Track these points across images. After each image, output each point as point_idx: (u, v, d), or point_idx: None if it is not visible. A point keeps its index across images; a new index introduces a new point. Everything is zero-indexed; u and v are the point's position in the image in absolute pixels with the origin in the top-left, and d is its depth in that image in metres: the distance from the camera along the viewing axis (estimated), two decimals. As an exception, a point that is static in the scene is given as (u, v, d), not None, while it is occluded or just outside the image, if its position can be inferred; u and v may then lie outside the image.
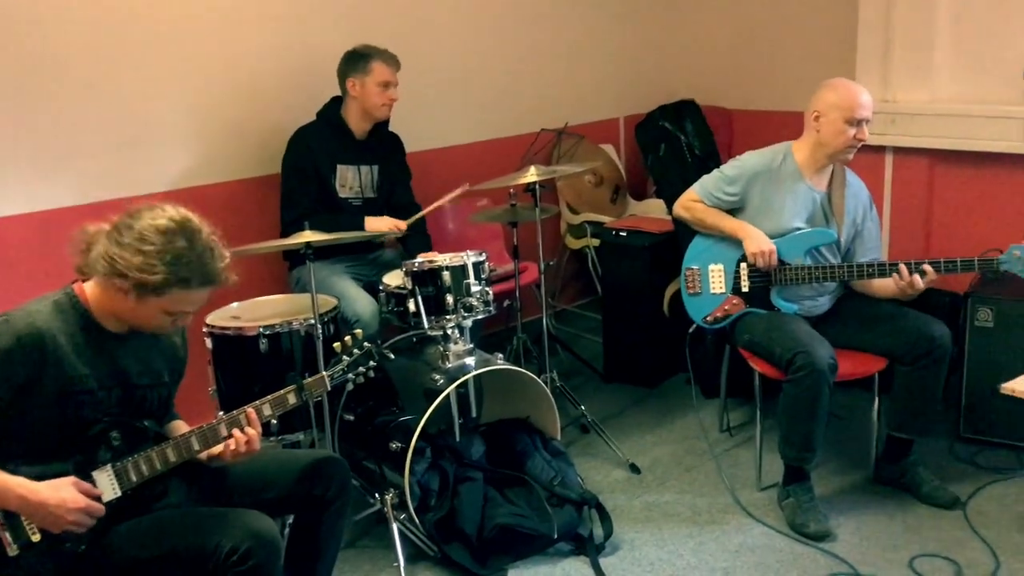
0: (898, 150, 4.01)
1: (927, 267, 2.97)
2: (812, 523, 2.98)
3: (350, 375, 2.38)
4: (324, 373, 2.35)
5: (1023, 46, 3.66)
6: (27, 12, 3.13)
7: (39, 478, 1.96)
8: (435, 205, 3.62)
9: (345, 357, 2.38)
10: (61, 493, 1.95)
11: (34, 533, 1.97)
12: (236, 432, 2.16)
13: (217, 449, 2.16)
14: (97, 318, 2.08)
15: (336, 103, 3.64)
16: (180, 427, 2.29)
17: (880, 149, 3.98)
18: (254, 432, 2.17)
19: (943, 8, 3.82)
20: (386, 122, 3.70)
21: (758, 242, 3.15)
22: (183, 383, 2.35)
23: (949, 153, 3.88)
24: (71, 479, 1.98)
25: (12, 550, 1.95)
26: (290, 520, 2.53)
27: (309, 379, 2.31)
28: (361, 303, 3.38)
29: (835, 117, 3.07)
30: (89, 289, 2.09)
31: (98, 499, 2.01)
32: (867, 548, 2.92)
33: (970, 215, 3.90)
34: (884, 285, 3.15)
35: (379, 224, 3.53)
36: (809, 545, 2.95)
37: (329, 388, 2.35)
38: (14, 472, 1.95)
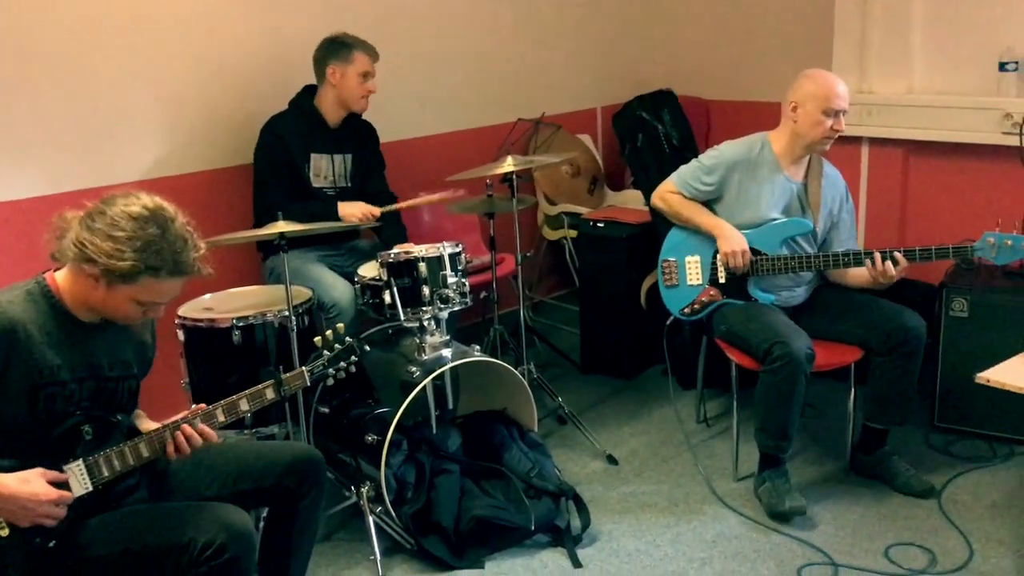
0: (874, 141, 4.03)
1: (899, 255, 2.98)
2: (787, 501, 2.99)
3: (330, 370, 2.36)
4: (303, 368, 2.32)
5: (999, 37, 3.68)
6: (-6, -1, 3.07)
7: (8, 472, 1.92)
8: (413, 202, 3.60)
9: (326, 352, 2.35)
10: (31, 486, 1.91)
11: (2, 527, 1.93)
12: (177, 435, 2.11)
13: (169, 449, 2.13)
14: (69, 308, 2.05)
15: (309, 91, 3.60)
16: (141, 417, 2.26)
17: (856, 140, 4.00)
18: (197, 440, 2.13)
19: (919, -1, 3.84)
20: (361, 112, 3.67)
21: (731, 242, 3.16)
22: (156, 376, 2.32)
23: (925, 144, 3.90)
24: (39, 470, 1.94)
25: (-21, 545, 1.92)
26: (264, 514, 2.50)
27: (288, 374, 2.28)
28: (339, 289, 3.35)
29: (812, 108, 3.08)
30: (61, 278, 2.05)
31: (68, 489, 1.97)
32: (843, 537, 2.93)
33: (945, 205, 3.93)
34: (859, 275, 3.17)
35: (352, 210, 3.49)
36: (786, 534, 2.96)
37: (308, 383, 2.33)
38: None
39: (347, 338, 2.38)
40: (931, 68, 3.87)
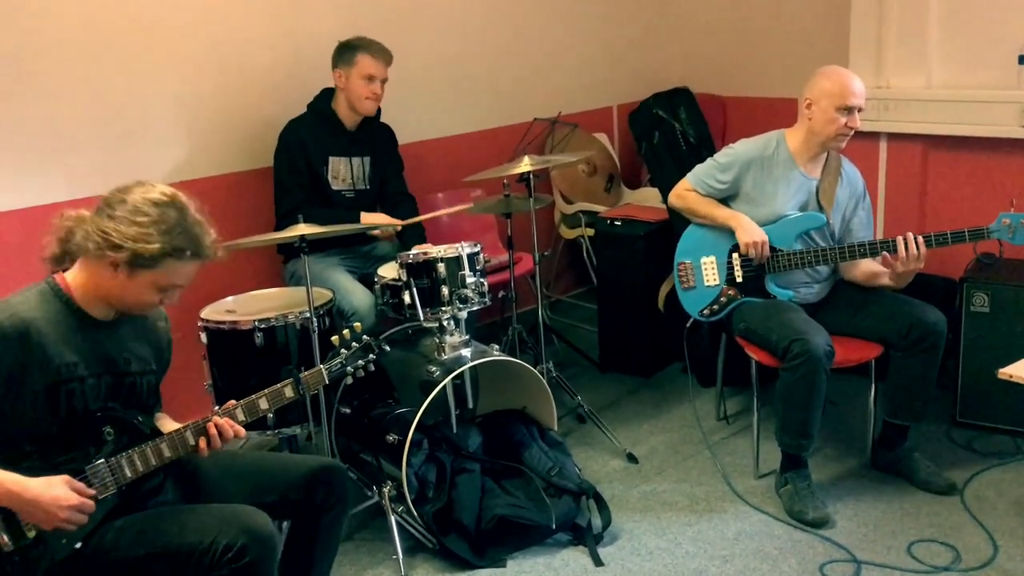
0: (892, 136, 4.00)
1: (920, 239, 2.95)
2: (810, 510, 2.99)
3: (348, 368, 2.37)
4: (322, 367, 2.33)
5: (1017, 31, 3.65)
6: (15, 7, 3.10)
7: (33, 476, 1.94)
8: (434, 215, 3.62)
9: (343, 351, 2.37)
10: (54, 490, 1.93)
11: (29, 530, 1.95)
12: (209, 427, 2.14)
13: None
14: (81, 305, 2.07)
15: (327, 95, 3.62)
16: (162, 420, 2.28)
17: (874, 135, 3.98)
18: (229, 432, 2.16)
19: (937, -7, 3.82)
20: (377, 113, 3.68)
21: (750, 232, 3.15)
22: (180, 378, 2.34)
23: (943, 139, 3.88)
24: (63, 477, 1.96)
25: (7, 547, 1.94)
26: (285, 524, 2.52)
27: (306, 373, 2.30)
28: (358, 296, 3.37)
29: (826, 105, 3.07)
30: (71, 276, 2.08)
31: (92, 496, 2.00)
32: (865, 534, 2.92)
33: (964, 201, 3.90)
34: (870, 272, 3.15)
35: (375, 220, 3.51)
36: (807, 531, 2.95)
37: (327, 382, 2.34)
38: (11, 471, 1.93)
39: (364, 336, 2.40)
40: (949, 62, 3.85)
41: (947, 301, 3.46)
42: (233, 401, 2.23)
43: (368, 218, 3.53)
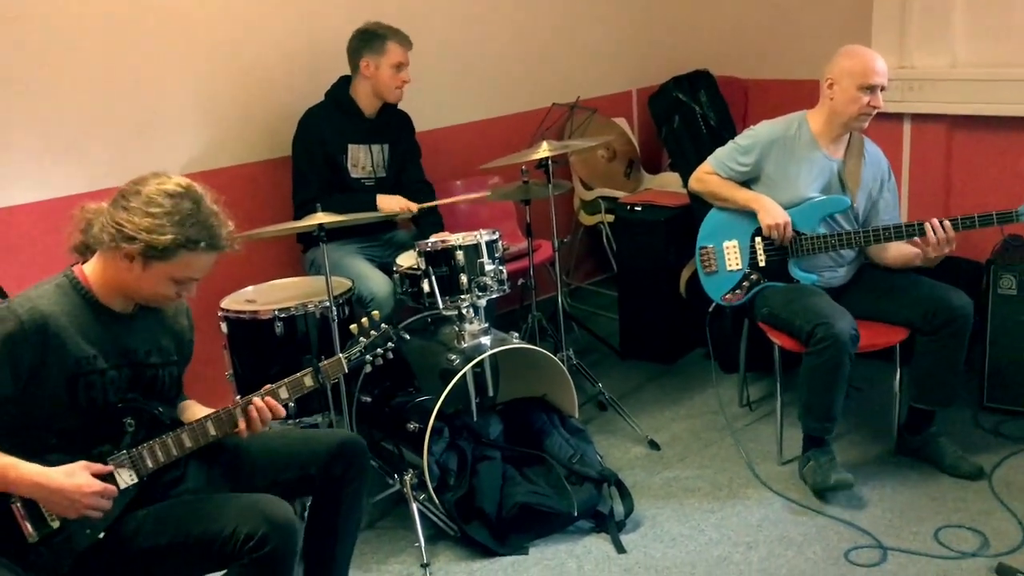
0: (916, 117, 3.94)
1: (946, 223, 2.92)
2: (833, 475, 2.95)
3: (367, 357, 2.37)
4: (341, 355, 2.33)
5: (1043, 8, 3.59)
6: (33, 2, 3.10)
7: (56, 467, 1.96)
8: (451, 200, 3.61)
9: (362, 339, 2.37)
10: (75, 478, 1.95)
11: (53, 520, 1.97)
12: (251, 409, 2.15)
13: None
14: (99, 298, 2.08)
15: (345, 82, 3.61)
16: (190, 407, 2.29)
17: (898, 117, 3.92)
18: (267, 413, 2.17)
19: (960, -29, 3.75)
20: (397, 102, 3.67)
21: (773, 214, 3.12)
22: (200, 368, 2.34)
23: (969, 119, 3.82)
24: (82, 463, 1.98)
25: (32, 537, 1.96)
26: (308, 502, 2.52)
27: (326, 362, 2.30)
28: (375, 282, 3.36)
29: (848, 84, 3.03)
30: (90, 269, 2.09)
31: (112, 480, 2.01)
32: (891, 520, 2.89)
33: (990, 182, 3.84)
34: (901, 254, 3.12)
35: (391, 203, 3.50)
36: (832, 517, 2.92)
37: (347, 370, 2.34)
38: (35, 463, 1.94)
39: (383, 324, 2.39)
40: (974, 41, 3.78)
41: (974, 284, 3.41)
42: (269, 386, 2.22)
43: (384, 201, 3.51)
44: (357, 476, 2.34)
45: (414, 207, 3.52)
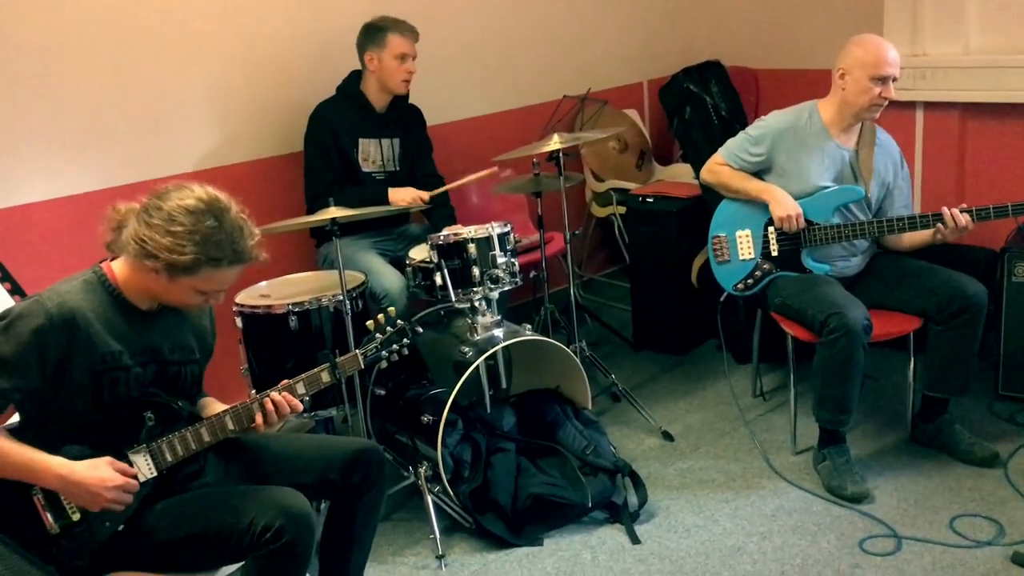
0: (929, 105, 3.92)
1: (964, 215, 2.91)
2: (849, 485, 2.96)
3: (383, 353, 2.38)
4: (357, 351, 2.34)
5: (1058, -8, 3.56)
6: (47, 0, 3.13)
7: (76, 460, 1.98)
8: (461, 182, 3.60)
9: (378, 335, 2.38)
10: (99, 472, 1.97)
11: (74, 512, 2.00)
12: (267, 402, 2.17)
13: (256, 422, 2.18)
14: (127, 296, 2.09)
15: (356, 77, 3.62)
16: (210, 404, 2.30)
17: (910, 105, 3.90)
18: (285, 406, 2.18)
19: (973, -43, 3.72)
20: (406, 95, 3.68)
21: (784, 205, 3.11)
22: (215, 362, 2.36)
23: (982, 106, 3.79)
24: (107, 459, 2.01)
25: (53, 529, 1.99)
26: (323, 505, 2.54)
27: (342, 357, 2.31)
28: (389, 278, 3.37)
29: (860, 75, 3.01)
30: (118, 267, 2.10)
31: (134, 477, 2.04)
32: (906, 509, 2.89)
33: (1004, 169, 3.82)
34: (916, 237, 3.11)
35: (402, 195, 3.51)
36: (847, 507, 2.92)
37: (363, 366, 2.35)
38: (55, 454, 1.97)
39: (399, 321, 2.40)
40: (987, 27, 3.75)
41: (988, 272, 3.39)
42: (287, 381, 2.24)
43: (395, 193, 3.52)
44: (374, 485, 2.35)
45: (425, 195, 3.52)
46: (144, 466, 2.07)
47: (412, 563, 2.88)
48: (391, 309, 2.43)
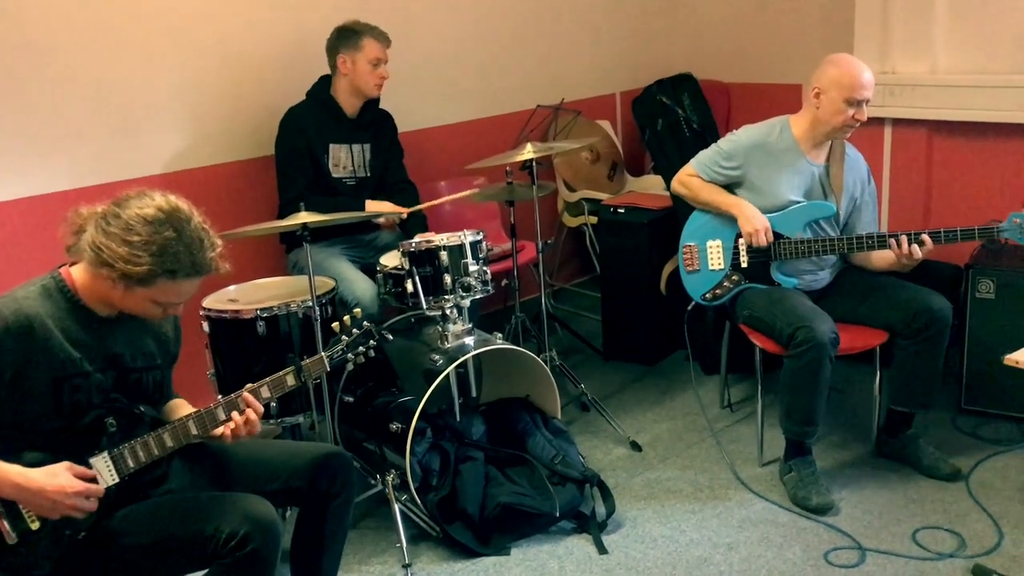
0: (897, 122, 3.98)
1: (925, 237, 2.96)
2: (814, 496, 2.98)
3: (349, 355, 2.36)
4: (323, 354, 2.32)
5: (1022, 15, 3.62)
6: (15, -5, 3.09)
7: (36, 467, 1.94)
8: (439, 201, 3.60)
9: (344, 337, 2.36)
10: (57, 479, 1.93)
11: (33, 521, 1.96)
12: (235, 415, 2.14)
13: (218, 431, 2.14)
14: (85, 302, 2.06)
15: (326, 81, 3.60)
16: (180, 406, 2.27)
17: (879, 121, 3.95)
18: (254, 416, 2.16)
19: (941, -22, 3.78)
20: (377, 100, 3.67)
21: (752, 220, 3.13)
22: (180, 367, 2.33)
23: (949, 124, 3.85)
24: (65, 464, 1.96)
25: (11, 538, 1.94)
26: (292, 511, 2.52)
27: (308, 360, 2.29)
28: (360, 285, 3.35)
29: (835, 95, 3.04)
30: (77, 273, 2.06)
31: (95, 482, 2.00)
32: (870, 521, 2.92)
33: (970, 186, 3.88)
34: (884, 257, 3.14)
35: (380, 207, 3.51)
36: (812, 519, 2.94)
37: (328, 369, 2.33)
38: (13, 462, 1.93)
39: (364, 323, 2.39)
40: (955, 47, 3.82)
41: (952, 287, 3.44)
42: (250, 385, 2.21)
43: (373, 206, 3.52)
44: (342, 491, 2.33)
45: (404, 211, 3.51)
46: (105, 472, 2.03)
47: (378, 571, 2.86)
48: (357, 311, 2.42)
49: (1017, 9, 3.65)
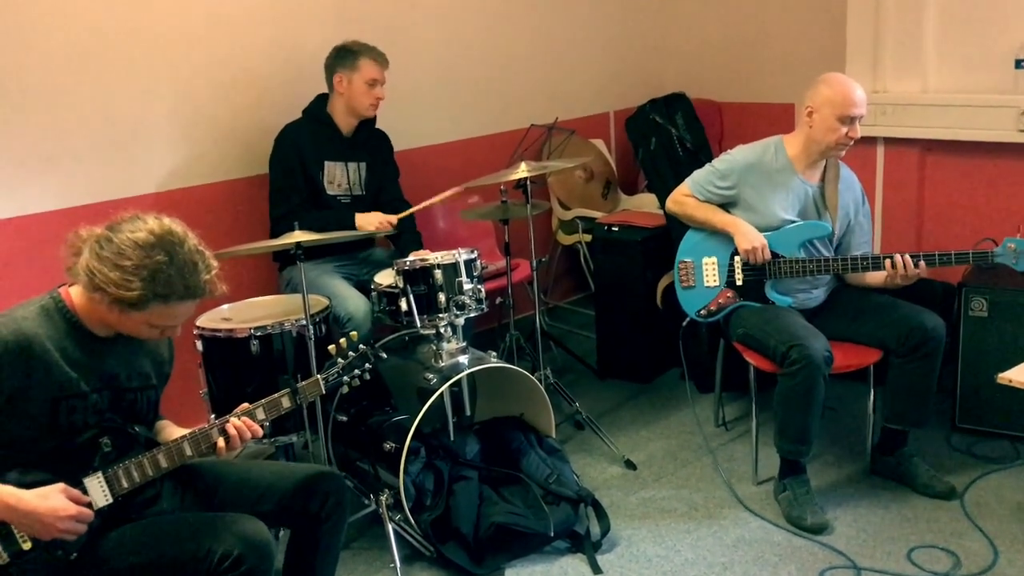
0: (889, 141, 4.00)
1: (921, 264, 2.97)
2: (809, 516, 2.98)
3: (345, 378, 2.35)
4: (319, 376, 2.32)
5: (1014, 34, 3.65)
6: (11, 16, 3.09)
7: (30, 487, 1.93)
8: (427, 203, 3.59)
9: (340, 360, 2.35)
10: (50, 501, 1.92)
11: (25, 541, 1.94)
12: (228, 427, 2.13)
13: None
14: (84, 323, 2.05)
15: (322, 100, 3.61)
16: (166, 427, 2.27)
17: (871, 140, 3.97)
18: (247, 432, 2.15)
19: (932, -2, 3.82)
20: (373, 119, 3.68)
21: (750, 238, 3.14)
22: (174, 386, 2.32)
23: (941, 143, 3.88)
24: (60, 486, 1.95)
25: (2, 559, 1.93)
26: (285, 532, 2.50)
27: (303, 382, 2.28)
28: (353, 302, 3.35)
29: (828, 114, 3.06)
30: (76, 293, 2.06)
31: (88, 505, 1.99)
32: (865, 540, 2.91)
33: (962, 205, 3.90)
34: (877, 275, 3.15)
35: (369, 220, 3.50)
36: (807, 538, 2.94)
37: (324, 391, 2.33)
38: (5, 481, 1.92)
39: (361, 345, 2.38)
40: (946, 67, 3.85)
41: (946, 306, 3.45)
42: (246, 405, 2.20)
43: (362, 218, 3.51)
44: (335, 512, 2.31)
45: (393, 219, 3.51)
46: (99, 493, 2.02)
47: (372, 592, 2.85)
48: (353, 334, 2.41)
49: (1007, 29, 3.68)
